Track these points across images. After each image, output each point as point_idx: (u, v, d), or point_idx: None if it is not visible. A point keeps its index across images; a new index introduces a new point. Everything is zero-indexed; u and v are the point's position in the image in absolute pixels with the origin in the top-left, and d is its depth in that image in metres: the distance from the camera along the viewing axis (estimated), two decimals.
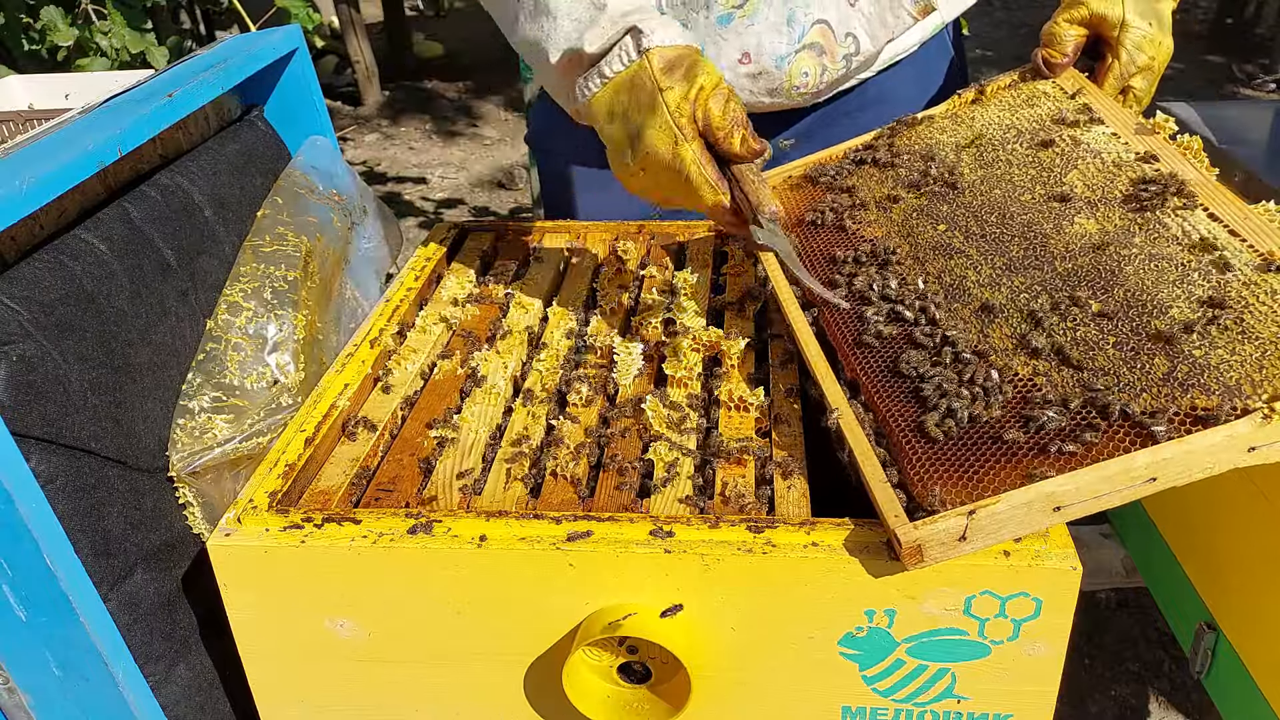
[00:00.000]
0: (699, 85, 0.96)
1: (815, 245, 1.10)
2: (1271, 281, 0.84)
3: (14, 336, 0.81)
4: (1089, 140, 1.07)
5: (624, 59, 0.98)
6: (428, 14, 7.95)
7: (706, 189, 0.98)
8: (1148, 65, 1.15)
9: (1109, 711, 2.08)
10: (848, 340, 0.97)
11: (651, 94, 0.96)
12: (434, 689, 0.91)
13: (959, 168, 1.11)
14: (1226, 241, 0.89)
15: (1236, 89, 5.66)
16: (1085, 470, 0.74)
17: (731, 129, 0.97)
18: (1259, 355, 0.78)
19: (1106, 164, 1.03)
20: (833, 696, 0.85)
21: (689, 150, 0.96)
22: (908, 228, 1.07)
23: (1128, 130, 1.07)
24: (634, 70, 0.98)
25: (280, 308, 1.06)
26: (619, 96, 0.99)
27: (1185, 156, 1.00)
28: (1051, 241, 0.97)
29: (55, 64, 3.06)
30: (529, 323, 1.20)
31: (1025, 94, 1.17)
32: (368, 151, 5.44)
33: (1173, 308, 0.85)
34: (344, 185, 1.30)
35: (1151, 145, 1.03)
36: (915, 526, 0.76)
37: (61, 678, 0.85)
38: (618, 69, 0.99)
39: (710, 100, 0.96)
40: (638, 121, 0.98)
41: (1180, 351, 0.81)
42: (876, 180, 1.16)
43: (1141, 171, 1.00)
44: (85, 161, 0.90)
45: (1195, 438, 0.74)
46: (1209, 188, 0.96)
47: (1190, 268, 0.88)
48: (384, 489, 0.94)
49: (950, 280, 0.98)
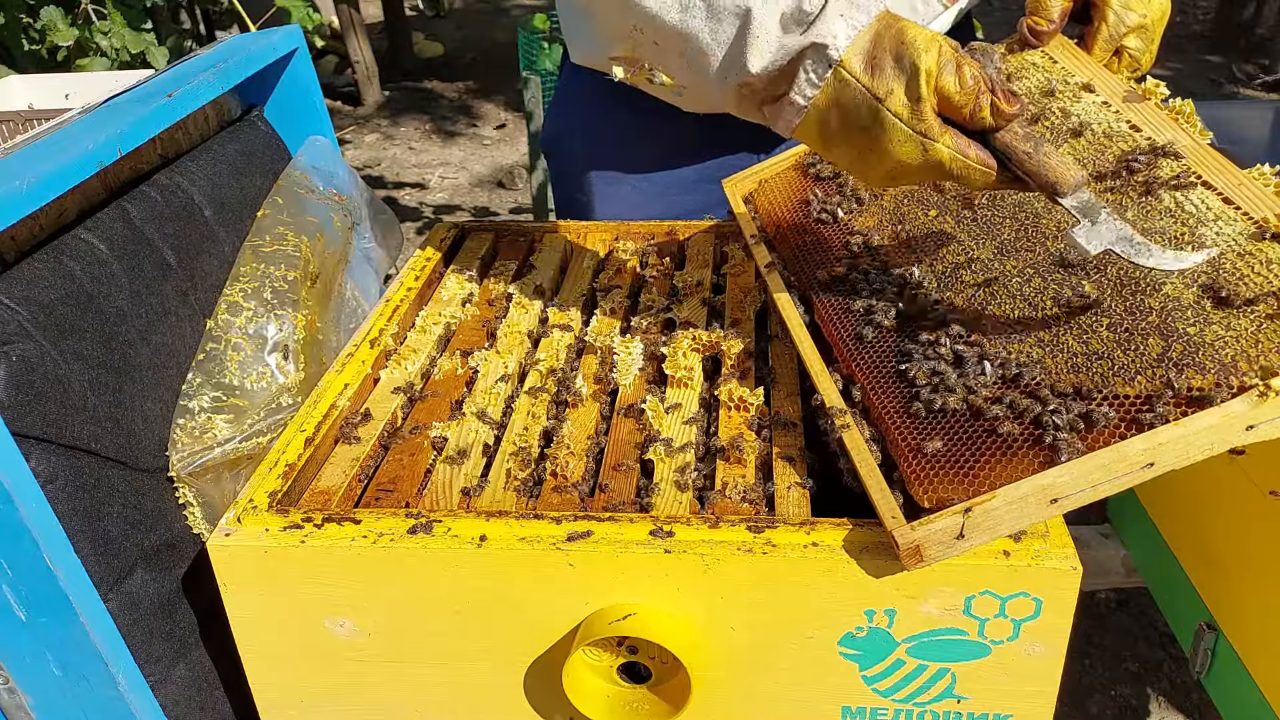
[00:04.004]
0: (922, 71, 0.82)
1: (807, 239, 1.10)
2: (1267, 251, 0.81)
3: (14, 336, 0.81)
4: (1079, 111, 1.04)
5: (814, 81, 0.85)
6: (428, 14, 7.95)
7: (977, 175, 0.85)
8: (1139, 24, 1.09)
9: (1109, 711, 2.08)
10: (842, 337, 0.96)
11: (870, 107, 0.83)
12: (434, 689, 0.91)
13: None
14: (1220, 210, 0.86)
15: (1236, 89, 5.66)
16: (1080, 460, 0.74)
17: (975, 101, 0.82)
18: (1254, 330, 0.76)
19: (1097, 135, 1.00)
20: (833, 696, 0.85)
21: (942, 149, 0.83)
22: (899, 215, 1.05)
23: (1117, 97, 1.03)
24: (832, 90, 0.85)
25: (280, 308, 1.06)
26: (827, 123, 0.87)
27: (1178, 123, 0.97)
28: (1043, 221, 0.95)
29: (55, 64, 3.06)
30: (529, 323, 1.20)
31: (1014, 66, 1.13)
32: (368, 152, 5.44)
33: (1166, 284, 0.83)
34: (344, 185, 1.30)
35: (1142, 112, 1.00)
36: (912, 528, 0.76)
37: (61, 678, 0.85)
38: (810, 95, 0.86)
39: (940, 80, 0.82)
40: (866, 141, 0.85)
41: (1174, 329, 0.79)
42: None
43: (1133, 141, 0.97)
44: (85, 161, 0.90)
45: (1191, 420, 0.72)
46: (1201, 154, 0.92)
47: (1184, 241, 0.85)
48: (384, 489, 0.94)
49: (943, 268, 0.97)
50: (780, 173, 1.23)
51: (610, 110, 1.41)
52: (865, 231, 1.06)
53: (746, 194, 1.24)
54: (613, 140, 1.43)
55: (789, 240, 1.11)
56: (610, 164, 1.45)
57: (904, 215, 1.05)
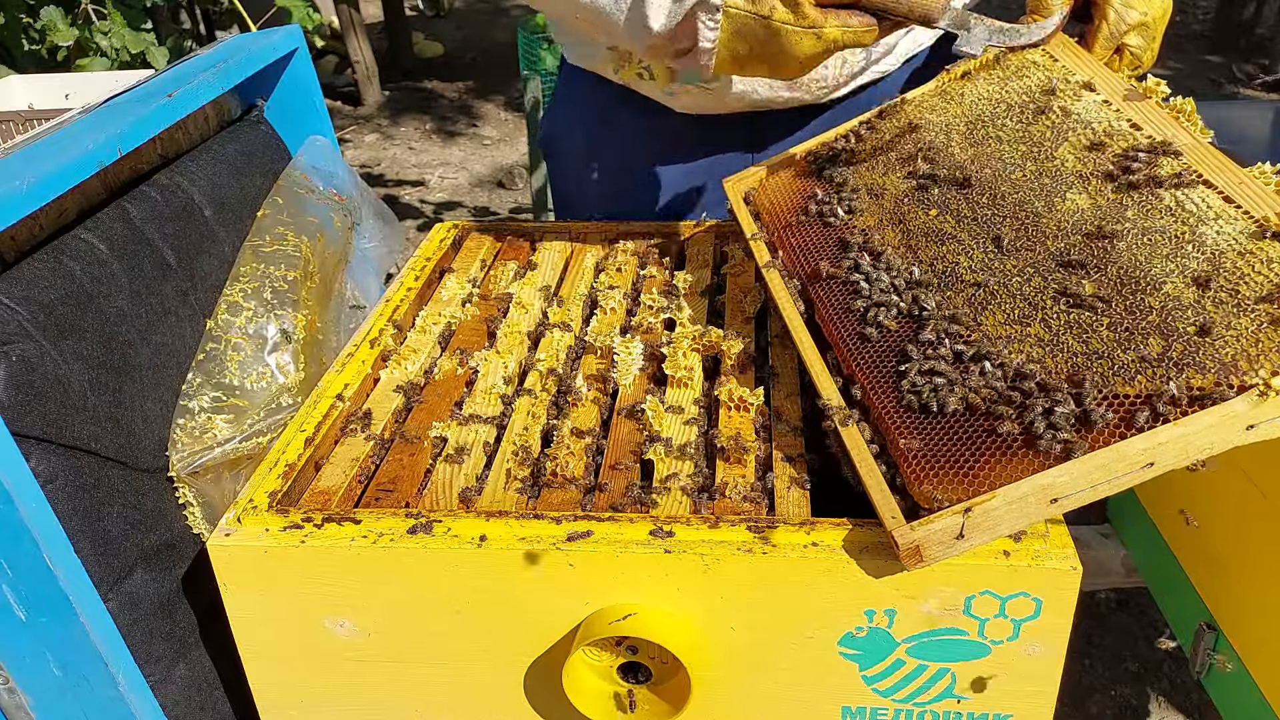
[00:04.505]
0: None
1: (808, 238, 1.10)
2: (1268, 250, 0.80)
3: (14, 336, 0.81)
4: (1079, 110, 1.03)
5: (710, 25, 1.01)
6: (428, 14, 7.95)
7: (866, 36, 1.00)
8: (1140, 22, 1.10)
9: (1109, 711, 2.08)
10: (843, 337, 0.96)
11: (764, 26, 0.99)
12: (434, 689, 0.91)
13: (950, 148, 1.09)
14: (1221, 209, 0.86)
15: (1236, 89, 5.66)
16: (1080, 460, 0.73)
17: None
18: (1255, 329, 0.75)
19: (1098, 134, 1.00)
20: (833, 696, 0.85)
21: (831, 31, 0.98)
22: (899, 214, 1.05)
23: (1118, 96, 1.03)
24: (728, 26, 1.01)
25: (280, 308, 1.06)
26: (736, 51, 1.02)
27: (1179, 121, 0.97)
28: (1043, 220, 0.95)
29: (55, 64, 3.06)
30: (529, 323, 1.20)
31: (1015, 65, 1.13)
32: (368, 151, 5.44)
33: (1166, 283, 0.82)
34: (344, 185, 1.30)
35: (1143, 110, 1.00)
36: (912, 528, 0.76)
37: (61, 678, 0.85)
38: (713, 37, 1.02)
39: None
40: (771, 52, 1.01)
41: (1174, 329, 0.79)
42: (868, 166, 1.15)
43: (1133, 140, 0.97)
44: (85, 161, 0.90)
45: (1191, 419, 0.72)
46: (1202, 153, 0.92)
47: (1184, 240, 0.85)
48: (384, 489, 0.94)
49: (943, 268, 0.97)
50: (781, 172, 1.23)
51: (608, 110, 1.42)
52: (866, 231, 1.06)
53: (746, 193, 1.24)
54: (611, 139, 1.45)
55: (789, 240, 1.11)
56: (608, 162, 1.46)
57: (904, 215, 1.05)
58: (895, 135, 1.16)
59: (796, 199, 1.16)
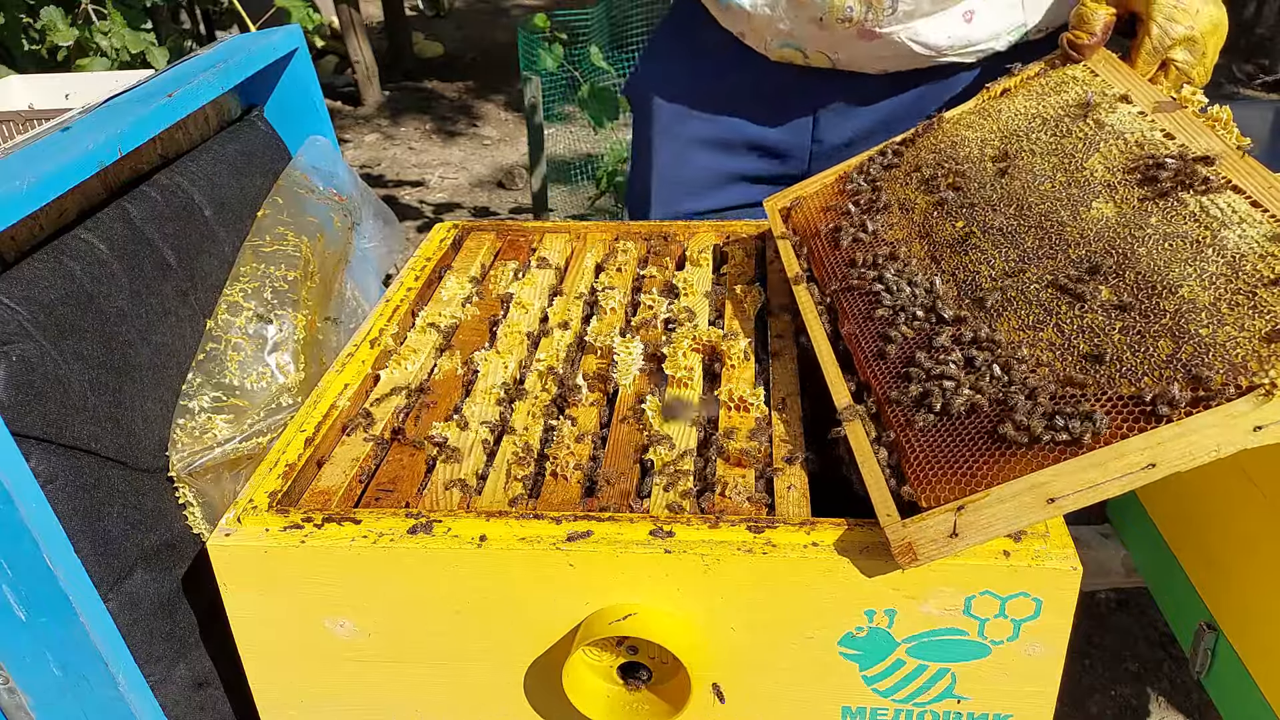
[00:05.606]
0: None
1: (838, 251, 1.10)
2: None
3: (14, 336, 0.81)
4: (1113, 122, 1.03)
5: None
6: (428, 14, 7.96)
7: None
8: (1186, 36, 1.08)
9: (1109, 711, 2.08)
10: (863, 345, 0.96)
11: None
12: (434, 689, 0.91)
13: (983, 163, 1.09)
14: (1247, 213, 0.85)
15: (1236, 89, 5.66)
16: (1076, 460, 0.73)
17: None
18: (1268, 330, 0.75)
19: (1129, 144, 0.99)
20: (833, 696, 0.85)
21: None
22: (927, 227, 1.06)
23: (1152, 107, 1.02)
24: None
25: (280, 308, 1.06)
26: None
27: (1215, 130, 0.96)
28: (1067, 229, 0.94)
29: (55, 64, 3.06)
30: (529, 323, 1.20)
31: (1054, 80, 1.14)
32: (368, 152, 5.44)
33: (1183, 286, 0.82)
34: (344, 185, 1.30)
35: (1178, 120, 0.99)
36: (904, 525, 0.76)
37: (61, 678, 0.85)
38: None
39: None
40: None
41: (1187, 331, 0.78)
42: (901, 183, 1.16)
43: (1165, 149, 0.96)
44: (85, 161, 0.90)
45: (1192, 419, 0.71)
46: (1233, 159, 0.91)
47: (1205, 244, 0.84)
48: (384, 489, 0.94)
49: (964, 277, 0.98)
50: (818, 189, 1.24)
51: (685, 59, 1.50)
52: (894, 244, 1.06)
53: (784, 209, 1.25)
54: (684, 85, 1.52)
55: (820, 254, 1.12)
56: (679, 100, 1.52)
57: (932, 228, 1.05)
58: (931, 152, 1.16)
59: (830, 215, 1.17)
